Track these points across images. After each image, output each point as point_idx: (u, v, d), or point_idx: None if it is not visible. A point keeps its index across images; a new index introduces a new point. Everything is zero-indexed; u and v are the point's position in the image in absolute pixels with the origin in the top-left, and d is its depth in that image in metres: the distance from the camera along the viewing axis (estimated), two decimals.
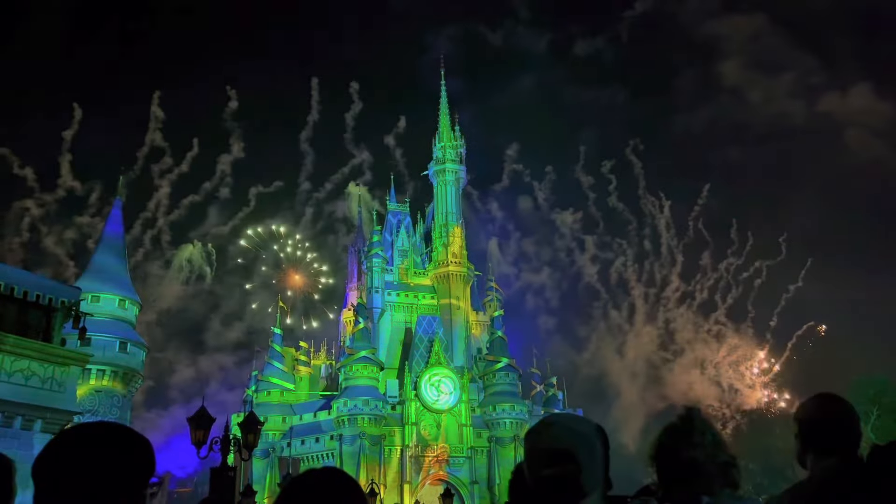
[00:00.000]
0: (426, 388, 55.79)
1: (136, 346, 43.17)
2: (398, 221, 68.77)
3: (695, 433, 2.02)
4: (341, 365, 58.10)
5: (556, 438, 1.88)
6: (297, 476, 1.68)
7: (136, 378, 43.15)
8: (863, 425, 3.10)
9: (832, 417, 2.64)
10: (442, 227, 66.65)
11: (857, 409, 2.82)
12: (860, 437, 2.68)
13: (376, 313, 62.33)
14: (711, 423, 2.04)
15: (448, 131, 70.64)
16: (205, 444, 13.73)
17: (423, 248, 68.35)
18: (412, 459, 53.90)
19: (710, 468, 1.97)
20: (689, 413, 2.09)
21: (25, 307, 17.46)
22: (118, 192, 48.12)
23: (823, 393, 2.81)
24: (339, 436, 53.24)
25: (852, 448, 2.59)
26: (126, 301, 43.55)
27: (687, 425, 2.06)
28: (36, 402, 16.73)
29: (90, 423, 1.67)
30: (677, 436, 2.06)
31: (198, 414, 13.75)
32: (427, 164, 70.63)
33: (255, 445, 14.89)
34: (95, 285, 41.33)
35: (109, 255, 44.62)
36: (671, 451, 2.05)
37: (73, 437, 1.61)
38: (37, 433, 16.77)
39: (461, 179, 69.71)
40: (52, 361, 17.39)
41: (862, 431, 2.74)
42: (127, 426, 1.72)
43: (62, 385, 17.45)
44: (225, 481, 13.41)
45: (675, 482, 2.01)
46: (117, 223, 46.79)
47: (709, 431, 2.03)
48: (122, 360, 41.65)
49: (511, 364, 58.77)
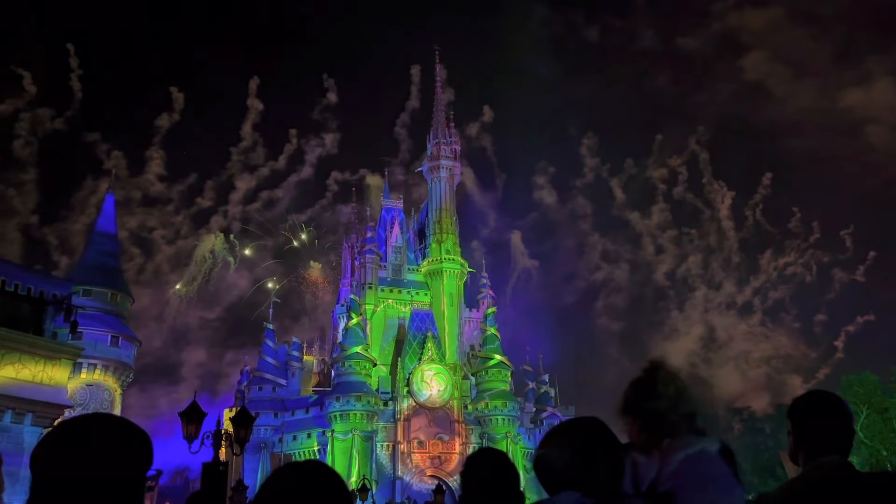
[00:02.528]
0: (418, 384, 55.82)
1: (128, 341, 43.04)
2: (392, 218, 68.68)
3: (658, 384, 2.05)
4: (334, 361, 58.07)
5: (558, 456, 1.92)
6: (279, 469, 1.64)
7: (128, 372, 43.02)
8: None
9: (827, 416, 2.65)
10: (436, 224, 66.61)
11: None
12: (853, 435, 2.68)
13: (369, 309, 62.29)
14: (676, 376, 2.08)
15: (443, 128, 70.60)
16: (196, 439, 13.69)
17: (417, 245, 68.32)
18: (404, 455, 53.94)
19: (672, 418, 2.00)
20: (652, 366, 2.12)
21: (16, 300, 17.37)
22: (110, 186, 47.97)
23: (818, 390, 2.82)
24: (332, 432, 53.22)
25: (846, 447, 2.59)
26: (118, 295, 43.40)
27: (650, 378, 2.09)
28: (27, 395, 16.65)
29: (88, 415, 1.66)
30: (641, 389, 2.10)
31: (189, 408, 13.71)
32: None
33: (247, 441, 14.85)
34: (87, 279, 41.18)
35: (102, 249, 44.46)
36: (636, 404, 2.09)
37: (70, 430, 1.59)
38: (27, 427, 16.70)
39: (456, 176, 69.66)
40: (43, 355, 17.31)
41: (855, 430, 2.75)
42: (125, 418, 1.70)
43: (53, 379, 17.38)
44: (216, 476, 13.37)
45: (641, 433, 2.05)
46: (110, 217, 46.62)
47: (672, 384, 2.05)
48: (113, 354, 41.53)
49: (503, 361, 58.86)
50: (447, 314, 63.17)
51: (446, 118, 71.45)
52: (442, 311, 63.11)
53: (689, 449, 1.92)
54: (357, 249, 66.71)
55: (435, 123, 71.39)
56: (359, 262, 64.94)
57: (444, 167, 68.38)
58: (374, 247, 64.08)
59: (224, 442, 14.65)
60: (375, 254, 64.11)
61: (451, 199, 68.27)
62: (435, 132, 70.54)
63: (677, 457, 1.90)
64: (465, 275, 66.71)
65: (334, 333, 66.94)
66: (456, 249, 66.16)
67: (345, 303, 63.13)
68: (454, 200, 69.19)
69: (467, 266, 66.98)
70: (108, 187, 49.12)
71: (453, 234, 66.59)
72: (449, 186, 68.36)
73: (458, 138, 70.87)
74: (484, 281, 67.72)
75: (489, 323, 61.10)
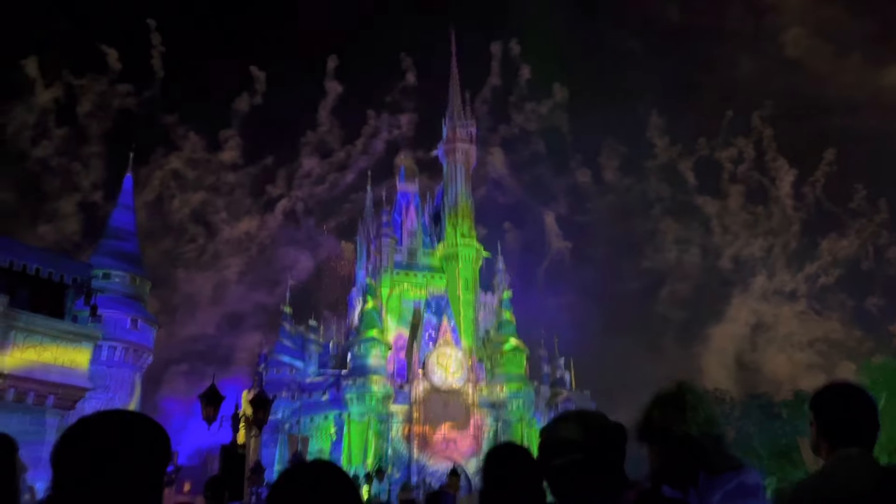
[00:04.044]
0: (434, 367, 56.05)
1: (147, 323, 43.51)
2: (407, 201, 68.64)
3: (687, 408, 1.96)
4: (350, 344, 58.42)
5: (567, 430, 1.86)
6: (288, 470, 1.64)
7: (147, 354, 43.55)
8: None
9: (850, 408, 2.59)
10: (451, 208, 66.49)
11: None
12: (878, 429, 2.63)
13: (385, 293, 62.49)
14: (704, 398, 1.99)
15: (459, 110, 70.24)
16: (215, 421, 13.85)
17: (433, 228, 68.28)
18: (419, 438, 54.30)
19: (704, 444, 1.91)
20: (679, 388, 2.02)
21: (38, 284, 17.58)
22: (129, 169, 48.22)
23: (842, 381, 2.75)
24: (348, 414, 53.66)
25: (869, 439, 2.54)
26: (137, 278, 43.83)
27: (678, 401, 1.99)
28: (48, 378, 16.90)
29: (107, 411, 1.67)
30: (668, 413, 1.99)
31: (208, 391, 13.85)
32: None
33: (264, 423, 14.98)
34: (107, 262, 41.63)
35: (121, 232, 44.85)
36: (662, 429, 1.98)
37: (90, 426, 1.60)
38: (49, 409, 16.97)
39: (472, 159, 69.39)
40: (64, 338, 17.55)
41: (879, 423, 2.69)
42: (142, 414, 1.71)
43: (74, 361, 17.62)
44: (234, 458, 13.52)
45: (669, 460, 1.96)
46: (129, 199, 46.94)
47: (701, 407, 1.97)
48: (133, 336, 42.03)
49: (519, 345, 58.92)
50: (462, 298, 63.22)
51: (462, 100, 71.08)
52: (457, 295, 63.17)
53: (728, 485, 1.84)
54: (373, 233, 66.82)
55: (450, 106, 71.01)
56: (374, 246, 65.08)
57: (459, 150, 68.11)
58: (389, 231, 64.15)
59: (242, 424, 14.80)
60: (391, 238, 64.18)
61: (466, 183, 68.06)
62: (451, 115, 70.19)
63: (716, 497, 1.82)
64: (480, 259, 66.65)
65: (350, 316, 67.29)
66: (471, 233, 66.05)
67: (360, 286, 63.38)
68: (470, 184, 68.98)
69: (483, 250, 66.91)
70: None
71: (469, 217, 66.45)
72: (465, 170, 68.12)
73: (474, 121, 70.52)
74: (499, 265, 67.64)
75: (504, 307, 61.11)
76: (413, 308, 63.44)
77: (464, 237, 65.19)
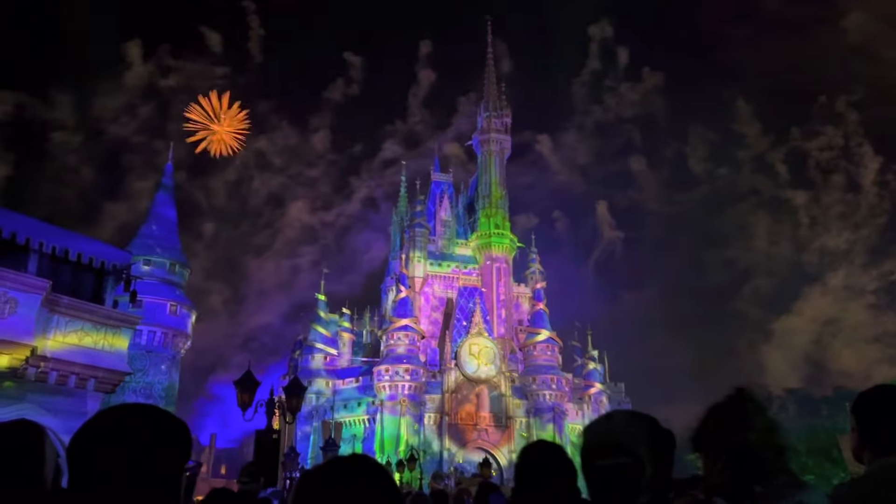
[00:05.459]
0: (466, 357, 56.10)
1: (185, 309, 44.33)
2: (441, 191, 68.61)
3: (747, 416, 1.87)
4: (383, 332, 58.75)
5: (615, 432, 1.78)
6: (323, 466, 1.53)
7: (185, 339, 44.39)
8: None
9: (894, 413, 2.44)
10: (485, 198, 66.28)
11: None
12: None
13: (418, 282, 62.66)
14: (765, 407, 1.89)
15: (495, 100, 69.87)
16: (250, 407, 14.03)
17: (467, 219, 68.19)
18: (451, 428, 54.47)
19: (763, 454, 1.82)
20: (738, 395, 1.93)
21: (79, 270, 17.97)
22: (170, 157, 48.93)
23: (886, 385, 2.61)
24: (381, 401, 54.06)
25: None
26: (176, 265, 44.62)
27: (738, 408, 1.90)
28: (89, 361, 17.28)
29: (126, 406, 1.64)
30: (726, 420, 1.90)
31: (244, 377, 14.03)
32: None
33: (298, 409, 15.14)
34: (146, 249, 42.47)
35: (161, 219, 45.66)
36: (718, 437, 1.89)
37: (108, 421, 1.57)
38: (90, 391, 17.37)
39: (506, 150, 69.03)
40: (105, 323, 17.92)
41: None
42: (163, 409, 1.68)
43: (114, 346, 18.00)
44: (269, 444, 13.68)
45: (724, 472, 1.87)
46: (169, 187, 47.70)
47: (762, 415, 1.87)
48: (172, 322, 42.87)
49: (552, 336, 58.64)
50: (495, 289, 63.12)
51: (498, 90, 70.67)
52: (490, 284, 63.08)
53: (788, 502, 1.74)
54: (406, 223, 66.97)
55: (486, 96, 70.66)
56: (408, 236, 65.25)
57: (494, 140, 67.80)
58: (423, 220, 64.23)
59: (277, 410, 14.96)
60: (424, 227, 64.26)
61: (500, 173, 67.76)
62: (486, 105, 69.86)
63: None
64: (514, 249, 66.40)
65: (384, 304, 67.68)
66: (505, 224, 65.80)
67: (394, 275, 63.62)
68: (504, 174, 68.65)
69: (517, 240, 66.63)
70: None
71: (503, 208, 66.19)
72: (500, 159, 67.81)
73: (509, 111, 70.08)
74: (533, 256, 67.31)
75: (538, 297, 60.84)
76: (446, 298, 63.55)
77: (497, 228, 64.97)
